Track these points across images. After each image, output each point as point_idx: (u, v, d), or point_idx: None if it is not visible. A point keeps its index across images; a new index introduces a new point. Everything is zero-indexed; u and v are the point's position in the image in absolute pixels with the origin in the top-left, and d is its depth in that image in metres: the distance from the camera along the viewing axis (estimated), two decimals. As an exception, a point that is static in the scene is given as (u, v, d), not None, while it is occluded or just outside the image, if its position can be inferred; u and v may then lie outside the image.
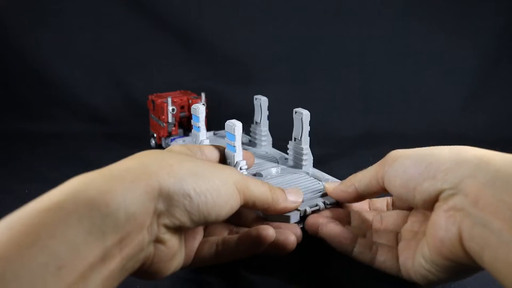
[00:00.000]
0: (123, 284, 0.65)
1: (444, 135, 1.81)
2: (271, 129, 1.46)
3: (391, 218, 0.95)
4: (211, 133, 1.54)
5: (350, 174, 1.40)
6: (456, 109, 1.89)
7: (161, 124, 1.58)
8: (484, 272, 0.94)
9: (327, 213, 0.97)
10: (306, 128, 1.20)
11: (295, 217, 0.97)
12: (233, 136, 1.10)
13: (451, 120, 1.87)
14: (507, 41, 1.86)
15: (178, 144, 0.91)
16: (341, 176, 1.16)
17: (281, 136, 1.28)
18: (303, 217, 0.97)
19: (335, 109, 1.92)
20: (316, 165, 1.24)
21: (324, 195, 1.05)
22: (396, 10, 1.89)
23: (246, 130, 1.47)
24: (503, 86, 1.89)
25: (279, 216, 0.97)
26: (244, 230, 0.88)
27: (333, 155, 1.64)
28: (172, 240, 0.70)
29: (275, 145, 1.41)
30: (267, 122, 1.39)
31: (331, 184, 0.99)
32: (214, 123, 1.62)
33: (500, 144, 1.73)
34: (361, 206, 1.03)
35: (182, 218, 0.68)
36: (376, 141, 1.78)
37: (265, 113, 1.38)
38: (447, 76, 1.91)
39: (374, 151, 1.67)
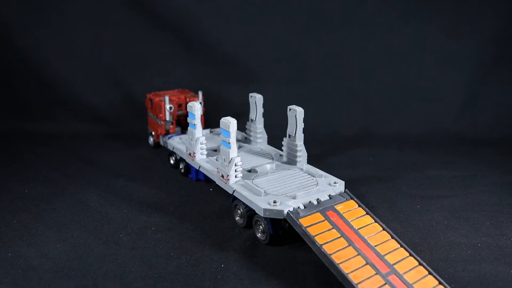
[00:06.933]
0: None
1: (444, 135, 1.80)
2: (271, 129, 1.46)
3: None
4: (207, 130, 1.55)
5: (349, 173, 1.42)
6: (456, 109, 1.88)
7: (159, 122, 1.58)
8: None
9: None
10: (300, 125, 1.20)
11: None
12: (228, 133, 1.11)
13: (451, 120, 1.86)
14: (507, 41, 1.85)
15: None
16: (341, 176, 1.17)
17: (282, 135, 1.28)
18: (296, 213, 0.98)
19: (335, 109, 1.92)
20: (315, 164, 1.25)
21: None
22: (396, 10, 1.89)
23: (244, 128, 1.47)
24: (503, 86, 1.88)
25: (273, 212, 0.99)
26: None
27: (333, 155, 1.64)
28: None
29: (275, 144, 1.41)
30: (262, 119, 1.40)
31: None
32: (214, 122, 1.62)
33: (500, 144, 1.73)
34: None
35: None
36: (376, 141, 1.78)
37: (260, 110, 1.39)
38: (447, 76, 1.90)
39: (374, 151, 1.68)
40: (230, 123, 1.10)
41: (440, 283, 0.83)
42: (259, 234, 1.06)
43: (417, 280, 0.83)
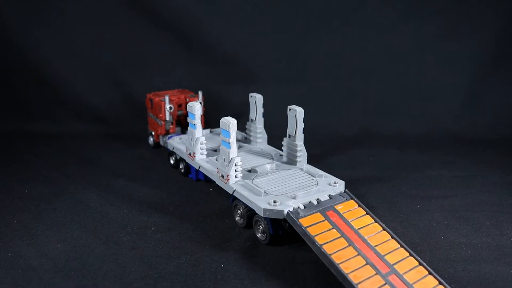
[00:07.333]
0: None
1: (444, 135, 1.80)
2: (271, 129, 1.46)
3: None
4: (207, 130, 1.55)
5: (349, 174, 1.42)
6: (456, 109, 1.88)
7: (159, 122, 1.58)
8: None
9: None
10: (300, 125, 1.20)
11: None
12: (228, 133, 1.11)
13: (451, 120, 1.86)
14: (507, 41, 1.85)
15: None
16: (341, 176, 1.17)
17: (282, 135, 1.28)
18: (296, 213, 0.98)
19: (335, 109, 1.92)
20: (315, 164, 1.25)
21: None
22: (396, 10, 1.89)
23: (244, 128, 1.47)
24: (503, 86, 1.88)
25: (273, 212, 0.99)
26: None
27: (333, 155, 1.64)
28: None
29: (275, 144, 1.41)
30: (262, 119, 1.40)
31: None
32: (214, 122, 1.62)
33: (500, 144, 1.73)
34: None
35: None
36: (376, 141, 1.78)
37: (260, 110, 1.39)
38: (447, 76, 1.90)
39: (374, 151, 1.68)
40: (230, 123, 1.10)
41: (440, 283, 0.83)
42: (259, 234, 1.06)
43: (417, 280, 0.83)
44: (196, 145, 1.28)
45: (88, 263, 0.98)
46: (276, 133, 1.44)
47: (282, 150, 1.29)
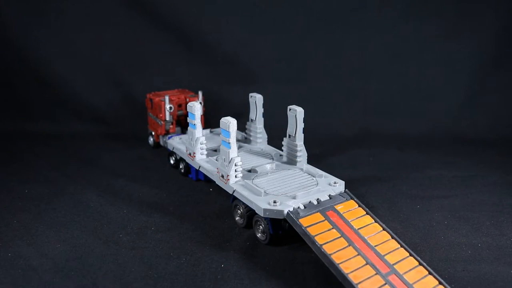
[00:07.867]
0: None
1: (444, 135, 1.80)
2: (271, 129, 1.46)
3: None
4: (208, 130, 1.55)
5: (349, 173, 1.42)
6: (456, 109, 1.88)
7: (159, 122, 1.58)
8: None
9: None
10: (300, 125, 1.20)
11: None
12: (228, 133, 1.11)
13: (451, 120, 1.86)
14: (507, 41, 1.85)
15: None
16: (341, 176, 1.17)
17: (282, 135, 1.28)
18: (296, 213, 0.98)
19: (335, 109, 1.92)
20: (315, 164, 1.25)
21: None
22: (396, 10, 1.89)
23: (244, 128, 1.47)
24: (503, 86, 1.88)
25: (273, 212, 0.99)
26: None
27: (333, 155, 1.64)
28: None
29: (275, 144, 1.41)
30: (262, 119, 1.40)
31: None
32: (214, 122, 1.62)
33: (500, 144, 1.73)
34: None
35: None
36: (376, 141, 1.78)
37: (260, 110, 1.39)
38: (447, 76, 1.90)
39: (374, 151, 1.68)
40: (230, 123, 1.10)
41: (440, 283, 0.83)
42: (259, 234, 1.06)
43: (417, 280, 0.83)
44: (196, 145, 1.28)
45: (88, 263, 0.98)
46: (276, 133, 1.44)
47: (282, 150, 1.29)
